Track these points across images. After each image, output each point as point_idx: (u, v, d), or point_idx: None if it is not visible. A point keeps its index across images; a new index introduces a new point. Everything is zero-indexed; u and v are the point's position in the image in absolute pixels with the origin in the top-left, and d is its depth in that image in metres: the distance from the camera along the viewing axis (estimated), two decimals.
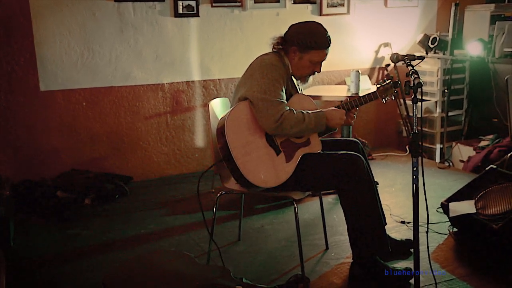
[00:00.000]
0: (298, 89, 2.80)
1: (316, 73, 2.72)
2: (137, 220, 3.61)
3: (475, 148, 4.60)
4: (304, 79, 2.75)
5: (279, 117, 2.48)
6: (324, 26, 2.65)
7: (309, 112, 2.57)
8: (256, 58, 2.69)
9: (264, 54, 2.68)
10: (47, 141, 4.13)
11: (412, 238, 2.34)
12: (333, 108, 2.64)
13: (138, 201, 4.00)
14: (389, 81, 2.63)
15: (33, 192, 3.83)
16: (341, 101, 2.69)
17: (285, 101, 2.56)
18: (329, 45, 2.63)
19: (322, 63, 2.70)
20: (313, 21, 2.68)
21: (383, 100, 2.66)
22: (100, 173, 4.19)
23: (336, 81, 5.07)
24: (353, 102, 2.66)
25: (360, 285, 2.62)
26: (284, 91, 2.58)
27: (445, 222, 3.31)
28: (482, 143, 4.63)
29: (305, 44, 2.60)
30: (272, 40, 2.70)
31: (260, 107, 2.50)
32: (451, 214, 3.10)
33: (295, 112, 2.53)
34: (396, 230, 3.29)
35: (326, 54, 2.66)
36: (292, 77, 2.73)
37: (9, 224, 3.17)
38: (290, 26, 2.68)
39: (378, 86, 2.65)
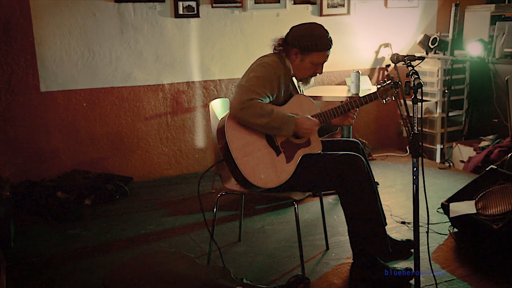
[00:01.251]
0: (299, 90, 2.80)
1: (317, 74, 2.72)
2: (137, 221, 3.61)
3: (476, 148, 4.60)
4: (305, 80, 2.75)
5: (246, 101, 2.44)
6: (325, 27, 2.66)
7: (281, 112, 2.53)
8: (257, 59, 2.69)
9: (264, 56, 2.68)
10: (47, 141, 4.13)
11: (412, 238, 2.35)
12: (308, 116, 2.61)
13: (139, 201, 4.00)
14: (389, 81, 2.63)
15: (33, 193, 3.83)
16: (342, 101, 2.69)
17: (264, 97, 2.51)
18: (330, 47, 2.64)
19: (323, 64, 2.70)
20: (314, 23, 2.68)
21: (383, 100, 2.66)
22: (101, 173, 4.19)
23: (336, 82, 5.07)
24: (353, 103, 2.66)
25: (361, 286, 2.62)
26: (272, 91, 2.55)
27: (446, 222, 3.31)
28: (483, 144, 4.63)
29: (306, 46, 2.59)
30: (273, 42, 2.70)
31: (236, 91, 2.51)
32: (451, 215, 3.10)
33: (266, 105, 2.49)
34: (397, 230, 3.29)
35: (328, 56, 2.66)
36: (293, 78, 2.74)
37: (9, 224, 3.18)
38: (291, 28, 2.68)
39: (378, 86, 2.65)
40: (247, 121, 2.48)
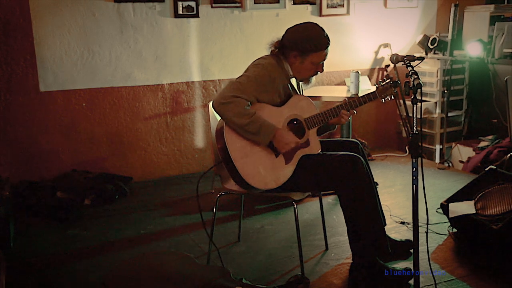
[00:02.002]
0: (299, 91, 2.80)
1: (319, 72, 2.71)
2: (137, 221, 3.61)
3: (475, 148, 4.60)
4: (307, 80, 2.75)
5: (229, 97, 2.42)
6: (321, 26, 2.64)
7: (263, 118, 2.49)
8: (254, 60, 2.68)
9: (261, 57, 2.67)
10: (47, 141, 4.13)
11: (411, 238, 2.35)
12: (289, 131, 2.59)
13: (138, 201, 4.00)
14: (388, 80, 2.63)
15: (33, 193, 3.83)
16: (341, 101, 2.69)
17: (251, 99, 2.48)
18: (329, 45, 2.63)
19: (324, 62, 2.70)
20: (308, 22, 2.66)
21: (383, 100, 2.65)
22: (100, 173, 4.19)
23: (335, 82, 5.07)
24: (353, 103, 2.65)
25: (360, 286, 2.62)
26: (261, 93, 2.53)
27: (445, 222, 3.31)
28: (482, 144, 4.63)
29: (305, 48, 2.58)
30: (270, 45, 2.69)
31: (225, 86, 2.49)
32: (450, 215, 3.10)
33: (248, 108, 2.46)
34: (396, 230, 3.29)
35: (327, 54, 2.65)
36: (292, 79, 2.73)
37: (9, 224, 3.18)
38: (287, 30, 2.66)
39: (378, 86, 2.65)
40: (225, 117, 2.45)
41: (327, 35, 2.62)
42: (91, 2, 4.08)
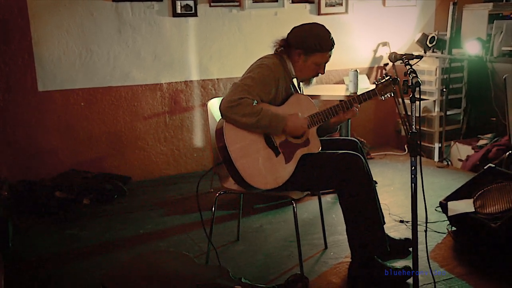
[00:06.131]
0: (300, 92, 2.80)
1: (319, 74, 2.71)
2: (136, 220, 3.60)
3: (474, 147, 4.61)
4: (307, 81, 2.75)
5: (236, 99, 2.42)
6: (326, 27, 2.65)
7: (270, 111, 2.51)
8: (257, 60, 2.68)
9: (265, 57, 2.67)
10: (46, 141, 4.13)
11: (411, 237, 2.34)
12: (297, 115, 2.58)
13: (137, 201, 3.99)
14: (388, 77, 2.62)
15: (32, 193, 3.82)
16: (341, 100, 2.68)
17: (255, 98, 2.48)
18: (333, 47, 2.64)
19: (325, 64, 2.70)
20: (315, 23, 2.68)
21: (382, 97, 2.64)
22: (99, 173, 4.19)
23: (334, 81, 5.07)
24: (352, 101, 2.65)
25: (359, 285, 2.62)
26: (266, 94, 2.53)
27: (444, 221, 3.31)
28: (481, 142, 4.63)
29: (310, 47, 2.59)
30: (274, 43, 2.69)
31: (229, 89, 2.50)
32: (449, 213, 3.11)
33: (255, 104, 2.48)
34: (395, 229, 3.29)
35: (330, 56, 2.66)
36: (294, 80, 2.73)
37: (8, 224, 3.17)
38: (293, 29, 2.67)
39: (377, 83, 2.64)
40: (235, 119, 2.45)
41: (332, 38, 2.62)
42: (89, 2, 4.07)
